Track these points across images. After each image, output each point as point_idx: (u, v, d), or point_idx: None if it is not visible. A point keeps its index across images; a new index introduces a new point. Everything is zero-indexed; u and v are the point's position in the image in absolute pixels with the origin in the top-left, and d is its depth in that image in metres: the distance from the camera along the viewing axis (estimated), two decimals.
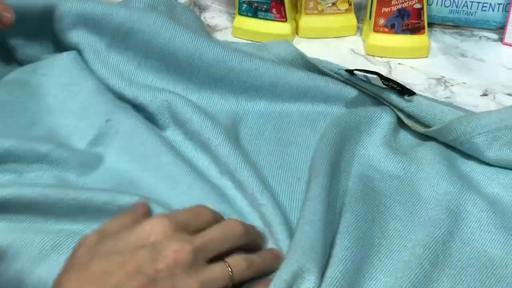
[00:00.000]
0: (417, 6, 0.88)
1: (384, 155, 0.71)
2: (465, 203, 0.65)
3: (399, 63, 0.89)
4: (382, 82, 0.73)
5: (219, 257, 0.54)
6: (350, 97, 0.77)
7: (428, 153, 0.71)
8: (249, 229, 0.58)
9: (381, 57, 0.90)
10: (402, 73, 0.88)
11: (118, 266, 0.50)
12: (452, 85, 0.85)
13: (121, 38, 0.78)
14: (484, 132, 0.69)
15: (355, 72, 0.74)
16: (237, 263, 0.54)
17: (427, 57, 0.91)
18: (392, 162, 0.70)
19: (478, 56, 0.91)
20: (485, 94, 0.84)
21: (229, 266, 0.53)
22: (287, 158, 0.71)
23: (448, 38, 0.95)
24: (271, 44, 0.85)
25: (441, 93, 0.84)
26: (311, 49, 0.92)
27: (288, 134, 0.74)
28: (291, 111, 0.77)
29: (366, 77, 0.73)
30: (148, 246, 0.52)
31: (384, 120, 0.74)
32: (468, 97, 0.83)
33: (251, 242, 0.58)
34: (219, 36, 0.94)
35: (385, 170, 0.69)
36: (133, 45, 0.78)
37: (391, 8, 0.88)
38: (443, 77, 0.87)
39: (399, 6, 0.88)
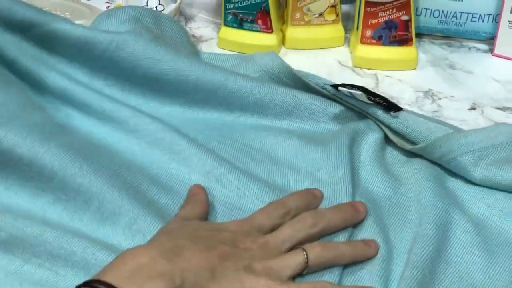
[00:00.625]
0: (405, 17, 0.86)
1: (374, 175, 0.69)
2: (451, 223, 0.64)
3: (387, 75, 0.88)
4: (368, 97, 0.71)
5: None
6: (335, 114, 0.75)
7: (415, 171, 0.69)
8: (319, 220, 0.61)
9: (369, 69, 0.89)
10: (389, 85, 0.86)
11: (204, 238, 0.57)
12: (440, 99, 0.84)
13: (103, 65, 0.77)
14: (470, 151, 0.68)
15: (339, 88, 0.72)
16: (312, 247, 0.58)
17: (415, 69, 0.89)
18: (382, 182, 0.68)
19: (467, 68, 0.90)
20: (473, 108, 0.82)
21: (305, 250, 0.57)
22: (278, 180, 0.69)
23: (437, 49, 0.94)
24: (257, 55, 0.83)
25: (428, 107, 0.82)
26: (298, 60, 0.91)
27: (274, 152, 0.72)
28: (278, 128, 0.76)
29: (351, 93, 0.72)
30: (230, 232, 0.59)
31: (370, 137, 0.72)
32: (456, 111, 0.82)
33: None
34: (205, 47, 0.93)
35: (375, 191, 0.68)
36: (114, 71, 0.77)
37: (378, 20, 0.86)
38: (431, 90, 0.85)
39: (386, 18, 0.86)
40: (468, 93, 0.85)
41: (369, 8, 0.86)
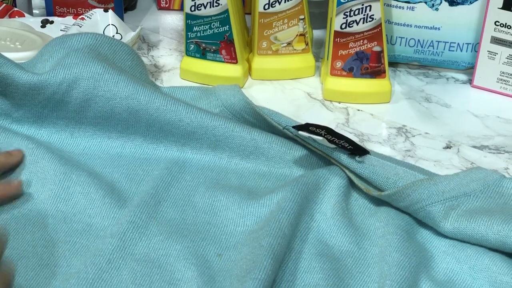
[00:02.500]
0: (377, 48, 0.81)
1: (336, 228, 0.64)
2: (416, 285, 0.58)
3: (358, 109, 0.82)
4: (332, 140, 0.66)
5: None
6: (295, 159, 0.70)
7: (382, 224, 0.64)
8: None
9: (339, 102, 0.84)
10: (360, 120, 0.81)
11: None
12: (414, 136, 0.78)
13: (51, 108, 0.73)
14: (441, 200, 0.63)
15: (299, 132, 0.67)
16: None
17: (389, 102, 0.84)
18: (345, 236, 0.63)
19: (443, 101, 0.84)
20: (448, 147, 0.77)
21: None
22: (213, 230, 0.64)
23: (413, 80, 0.88)
24: (220, 89, 0.79)
25: (400, 145, 0.77)
26: (265, 92, 0.85)
27: (222, 198, 0.67)
28: (232, 170, 0.71)
29: (311, 138, 0.66)
30: None
31: (332, 184, 0.67)
32: (429, 150, 0.76)
33: None
34: (166, 77, 0.87)
35: (337, 245, 0.62)
36: (64, 115, 0.73)
37: (348, 51, 0.81)
38: (404, 126, 0.80)
39: (357, 49, 0.81)
40: (444, 129, 0.80)
41: (338, 39, 0.81)
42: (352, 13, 0.79)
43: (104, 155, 0.72)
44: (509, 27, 0.81)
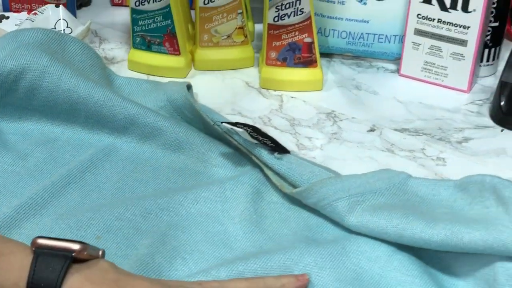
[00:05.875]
0: (308, 40, 0.87)
1: (242, 232, 0.68)
2: (326, 281, 0.63)
3: (292, 97, 0.89)
4: (255, 137, 0.72)
5: None
6: (211, 159, 0.77)
7: (288, 226, 0.69)
8: None
9: (275, 90, 0.90)
10: (293, 107, 0.87)
11: None
12: (341, 120, 0.85)
13: (1, 94, 0.79)
14: (346, 196, 0.67)
15: (222, 123, 0.73)
16: None
17: (321, 90, 0.90)
18: (249, 240, 0.67)
19: (372, 88, 0.91)
20: (372, 130, 0.83)
21: None
22: (101, 214, 0.69)
23: (346, 70, 0.95)
24: (168, 85, 0.85)
25: (328, 129, 0.83)
26: (206, 82, 0.92)
27: (126, 188, 0.73)
28: (150, 163, 0.77)
29: (234, 129, 0.72)
30: None
31: (242, 191, 0.72)
32: (354, 133, 0.83)
33: None
34: (115, 68, 0.93)
35: (241, 248, 0.67)
36: (12, 101, 0.79)
37: (282, 42, 0.88)
38: (333, 111, 0.86)
39: (290, 40, 0.87)
40: (370, 114, 0.86)
41: (272, 31, 0.87)
42: (283, 7, 0.85)
43: (43, 138, 0.79)
44: (430, 19, 0.88)
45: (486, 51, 0.92)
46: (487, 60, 0.92)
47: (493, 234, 0.60)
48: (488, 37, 0.91)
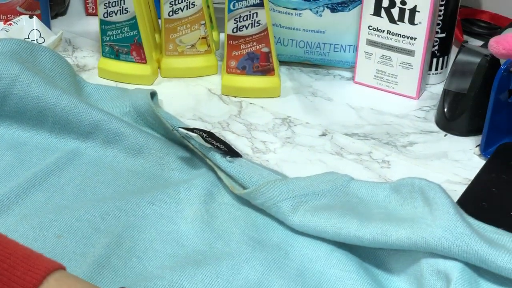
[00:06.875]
0: (265, 49, 0.93)
1: (194, 231, 0.73)
2: (270, 279, 0.68)
3: (251, 103, 0.95)
4: (209, 141, 0.78)
5: None
6: (168, 163, 0.82)
7: (237, 225, 0.74)
8: None
9: (235, 96, 0.96)
10: (251, 112, 0.93)
11: None
12: (296, 125, 0.91)
13: None
14: (290, 197, 0.72)
15: (179, 129, 0.79)
16: None
17: (279, 96, 0.96)
18: (199, 238, 0.72)
19: (327, 95, 0.97)
20: (324, 134, 0.89)
21: None
22: (64, 214, 0.74)
23: (304, 77, 1.00)
24: (133, 92, 0.91)
25: (282, 133, 0.89)
26: (172, 88, 0.97)
27: (88, 190, 0.78)
28: (112, 166, 0.82)
29: (189, 134, 0.78)
30: None
31: (194, 193, 0.77)
32: (307, 137, 0.88)
33: None
34: (86, 75, 0.99)
35: (191, 246, 0.72)
36: None
37: (241, 52, 0.93)
38: (289, 117, 0.92)
39: (248, 50, 0.93)
40: (323, 119, 0.92)
41: (231, 41, 0.93)
42: (241, 19, 0.91)
43: (13, 142, 0.84)
44: (380, 30, 0.94)
45: (435, 60, 0.98)
46: (436, 69, 0.98)
47: (417, 232, 0.65)
48: (436, 47, 0.97)
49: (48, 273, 0.55)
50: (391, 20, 0.92)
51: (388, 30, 0.93)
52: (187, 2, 0.94)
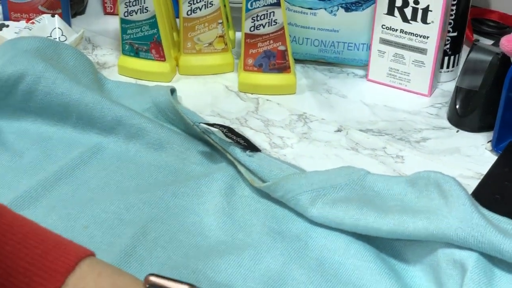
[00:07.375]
0: (281, 48, 0.95)
1: (216, 223, 0.76)
2: (287, 277, 0.70)
3: (267, 100, 0.97)
4: (229, 136, 0.80)
5: None
6: (189, 158, 0.84)
7: (258, 217, 0.76)
8: None
9: (252, 93, 0.98)
10: (268, 109, 0.95)
11: None
12: (311, 121, 0.93)
13: (1, 97, 0.87)
14: (309, 190, 0.74)
15: (200, 124, 0.81)
16: None
17: (294, 93, 0.98)
18: (221, 230, 0.75)
19: (341, 92, 0.99)
20: (339, 130, 0.92)
21: None
22: (91, 205, 0.76)
23: (318, 75, 1.03)
24: (154, 88, 0.93)
25: (299, 129, 0.91)
26: (190, 85, 1.00)
27: (112, 183, 0.81)
28: (135, 161, 0.84)
29: (210, 129, 0.81)
30: None
31: (216, 187, 0.79)
32: (323, 132, 0.91)
33: None
34: (107, 73, 1.01)
35: (214, 237, 0.74)
36: (12, 103, 0.88)
37: (258, 50, 0.96)
38: (305, 113, 0.95)
39: (265, 48, 0.96)
40: (338, 116, 0.94)
41: (249, 40, 0.95)
42: (258, 18, 0.94)
43: (38, 137, 0.87)
44: (393, 29, 0.96)
45: (446, 58, 1.00)
46: (447, 67, 1.01)
47: (434, 223, 0.68)
48: (448, 46, 0.99)
49: (80, 259, 0.57)
50: (404, 19, 0.95)
51: (401, 29, 0.96)
52: (205, 2, 0.97)
